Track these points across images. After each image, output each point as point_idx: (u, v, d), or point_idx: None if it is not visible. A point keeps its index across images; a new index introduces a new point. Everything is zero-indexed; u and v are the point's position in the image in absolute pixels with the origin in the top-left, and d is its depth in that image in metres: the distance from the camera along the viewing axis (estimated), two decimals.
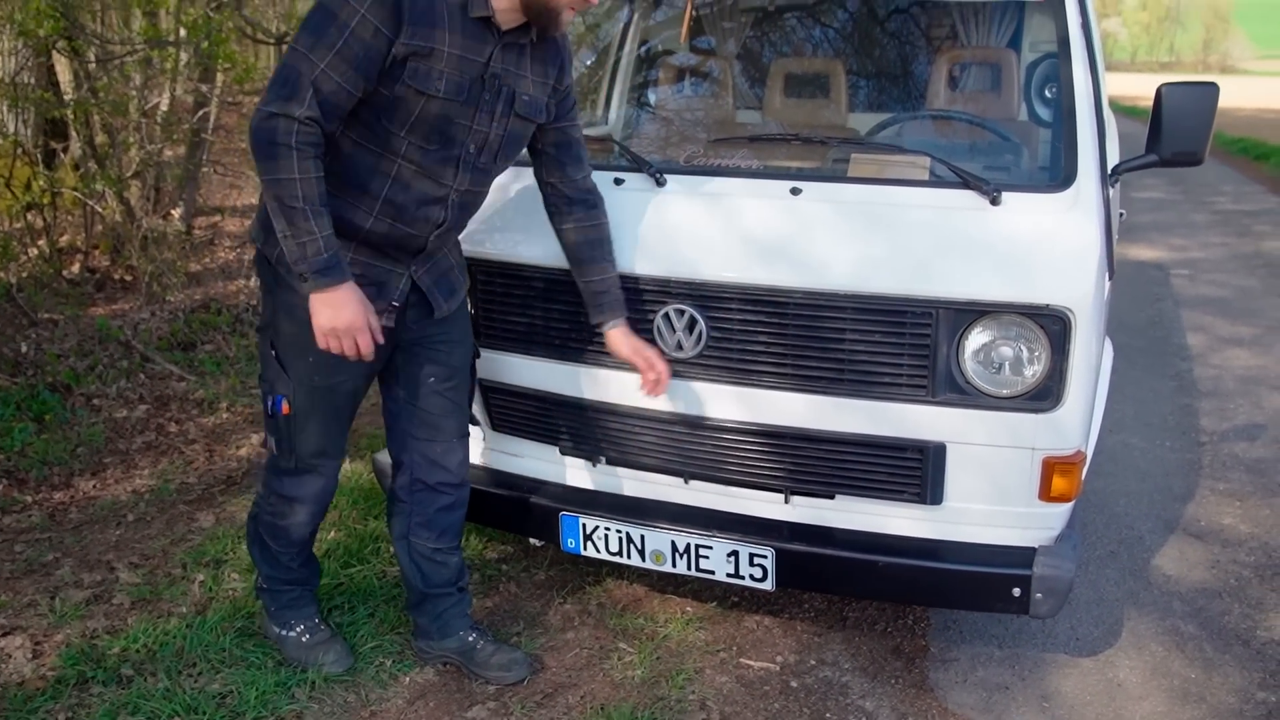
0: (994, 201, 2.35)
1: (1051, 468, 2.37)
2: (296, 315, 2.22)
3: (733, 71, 3.84)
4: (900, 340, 2.33)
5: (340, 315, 2.11)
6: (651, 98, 4.06)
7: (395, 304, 2.31)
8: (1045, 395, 2.30)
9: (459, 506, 2.57)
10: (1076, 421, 2.34)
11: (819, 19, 3.94)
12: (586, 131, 3.89)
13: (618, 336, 2.45)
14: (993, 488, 2.42)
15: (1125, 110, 26.33)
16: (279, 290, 2.29)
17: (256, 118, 2.03)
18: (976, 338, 2.29)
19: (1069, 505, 2.45)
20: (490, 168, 2.31)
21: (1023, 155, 2.81)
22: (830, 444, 2.45)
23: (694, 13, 3.53)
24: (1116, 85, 32.45)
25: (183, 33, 5.79)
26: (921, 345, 2.32)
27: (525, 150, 2.44)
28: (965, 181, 2.38)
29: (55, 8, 4.80)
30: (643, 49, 4.17)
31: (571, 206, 2.46)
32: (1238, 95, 37.43)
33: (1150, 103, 2.54)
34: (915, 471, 2.42)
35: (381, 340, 2.21)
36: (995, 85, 3.32)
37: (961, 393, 2.33)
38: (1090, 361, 2.33)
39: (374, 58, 2.03)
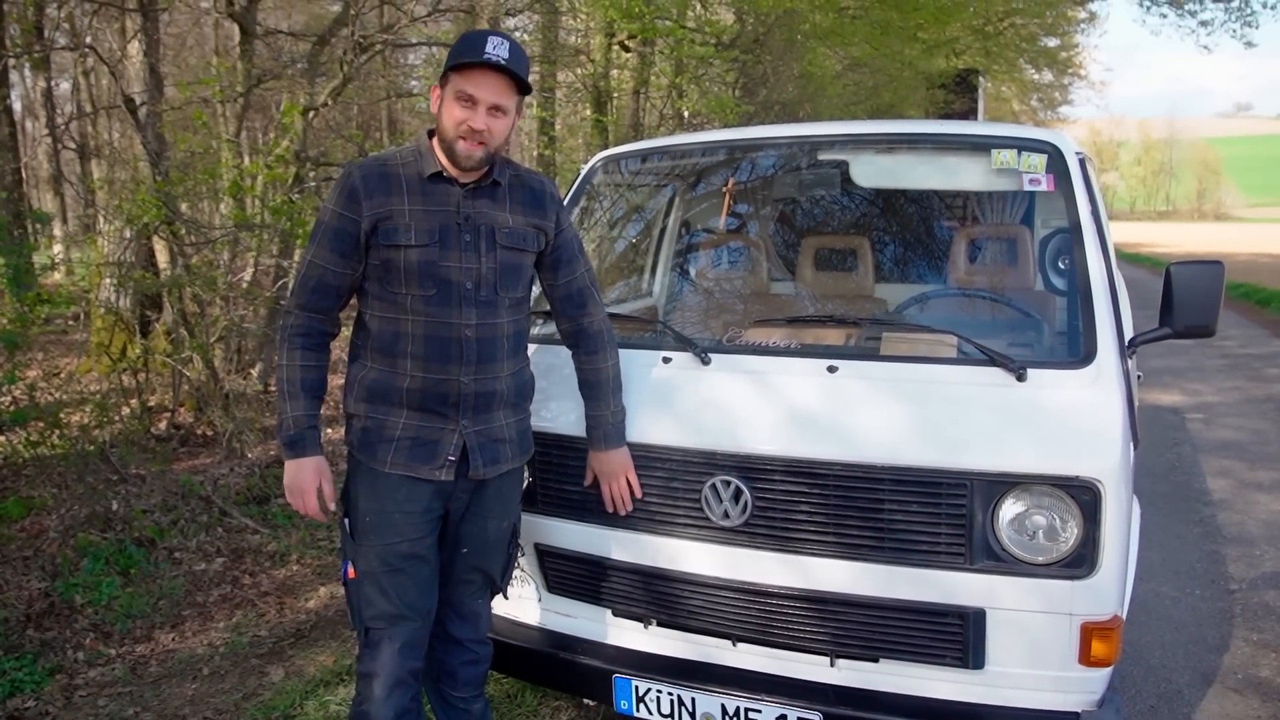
0: (1020, 378, 2.34)
1: (1090, 632, 2.28)
2: (358, 483, 2.38)
3: (768, 246, 3.92)
4: (937, 510, 2.29)
5: (292, 479, 2.35)
6: (692, 270, 4.15)
7: (451, 458, 2.35)
8: (1080, 562, 2.23)
9: (483, 661, 2.59)
10: (1112, 587, 2.26)
11: (846, 198, 4.04)
12: (634, 303, 4.03)
13: (595, 459, 2.54)
14: (1033, 653, 2.33)
15: (1129, 258, 26.44)
16: (352, 462, 2.41)
17: None
18: (1010, 507, 2.25)
19: (1109, 669, 2.35)
20: (494, 300, 2.36)
21: (1044, 332, 2.82)
22: (872, 609, 2.38)
23: (732, 200, 3.63)
24: (1118, 234, 32.74)
25: (267, 216, 6.03)
26: (958, 515, 2.28)
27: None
28: (992, 359, 2.39)
29: (159, 198, 5.05)
30: (684, 225, 4.29)
31: (577, 348, 2.58)
32: (1235, 241, 37.73)
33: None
34: (956, 636, 2.34)
35: (332, 508, 2.45)
36: (1012, 258, 3.36)
37: (998, 560, 2.27)
38: (1122, 528, 2.27)
39: (344, 238, 2.29)
